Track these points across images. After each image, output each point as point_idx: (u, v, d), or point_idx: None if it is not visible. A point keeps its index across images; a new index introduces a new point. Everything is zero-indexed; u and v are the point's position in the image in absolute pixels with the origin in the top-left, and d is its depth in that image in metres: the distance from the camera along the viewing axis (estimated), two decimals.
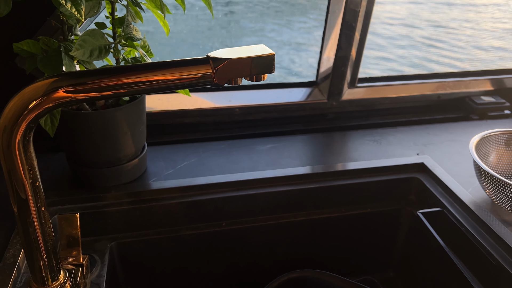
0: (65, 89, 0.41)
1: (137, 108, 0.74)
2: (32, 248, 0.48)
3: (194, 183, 0.79)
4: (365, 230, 0.89)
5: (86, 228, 0.74)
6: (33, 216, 0.46)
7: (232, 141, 0.96)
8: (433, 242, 0.78)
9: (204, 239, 0.81)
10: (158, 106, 0.97)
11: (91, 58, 0.62)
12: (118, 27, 0.68)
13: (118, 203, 0.75)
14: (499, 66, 1.19)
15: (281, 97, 1.06)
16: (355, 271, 0.94)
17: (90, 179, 0.77)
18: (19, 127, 0.41)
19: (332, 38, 1.02)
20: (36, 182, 0.45)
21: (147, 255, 0.79)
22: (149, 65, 0.44)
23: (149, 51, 0.73)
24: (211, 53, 0.45)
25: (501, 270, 0.67)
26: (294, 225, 0.85)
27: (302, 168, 0.85)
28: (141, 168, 0.81)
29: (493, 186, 0.73)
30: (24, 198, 0.45)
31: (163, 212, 0.77)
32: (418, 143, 0.97)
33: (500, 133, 0.83)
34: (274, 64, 0.46)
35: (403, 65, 3.47)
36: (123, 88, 0.43)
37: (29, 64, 0.62)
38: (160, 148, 0.91)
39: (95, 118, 0.70)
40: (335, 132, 1.03)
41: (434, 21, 4.41)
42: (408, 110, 1.14)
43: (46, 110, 0.41)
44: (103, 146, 0.73)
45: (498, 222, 0.73)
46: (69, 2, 0.53)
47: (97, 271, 0.67)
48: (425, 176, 0.87)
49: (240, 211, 0.81)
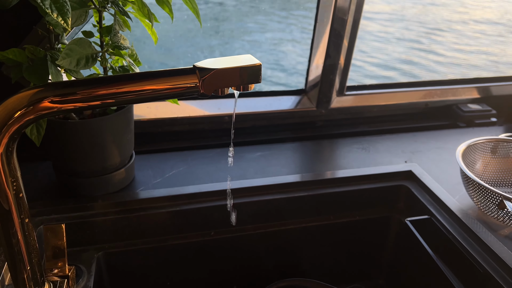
0: (50, 99, 0.41)
1: (125, 117, 0.73)
2: (16, 260, 0.47)
3: (182, 192, 0.79)
4: (354, 238, 0.90)
5: (73, 238, 0.73)
6: (17, 228, 0.45)
7: (221, 149, 0.96)
8: (421, 249, 0.78)
9: (193, 248, 0.80)
10: (147, 114, 0.97)
11: (78, 67, 0.62)
12: (105, 35, 0.68)
13: (106, 212, 0.75)
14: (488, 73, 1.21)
15: (270, 105, 1.07)
16: (344, 279, 0.94)
17: (77, 188, 0.76)
18: (1, 138, 0.40)
19: (320, 47, 1.02)
20: (20, 194, 0.44)
21: (135, 264, 0.78)
22: (136, 75, 0.43)
23: (136, 59, 0.73)
24: (198, 63, 0.45)
25: (488, 278, 0.67)
26: (283, 234, 0.85)
27: (291, 176, 0.85)
28: (128, 177, 0.80)
29: (480, 194, 0.73)
30: (7, 209, 0.44)
31: (151, 221, 0.77)
32: (406, 150, 0.98)
33: (486, 141, 0.84)
34: (261, 74, 0.46)
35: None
36: (110, 98, 0.42)
37: (14, 73, 0.62)
38: (148, 156, 0.90)
39: (82, 127, 0.69)
40: (323, 140, 1.03)
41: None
42: (396, 118, 1.15)
43: (30, 121, 0.40)
44: (90, 155, 0.72)
45: (484, 229, 0.73)
46: (55, 12, 0.53)
47: (84, 282, 0.66)
48: (413, 184, 0.87)
49: (228, 220, 0.80)
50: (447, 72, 3.63)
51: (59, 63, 0.59)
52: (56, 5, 0.53)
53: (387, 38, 4.29)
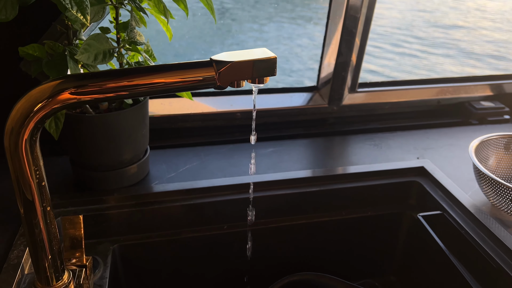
0: (70, 91, 0.42)
1: (140, 112, 0.74)
2: (37, 248, 0.49)
3: (195, 186, 0.80)
4: (366, 234, 0.90)
5: (89, 231, 0.74)
6: (39, 217, 0.47)
7: (233, 145, 0.97)
8: (433, 245, 0.78)
9: (206, 242, 0.81)
10: (161, 110, 0.98)
11: (95, 62, 0.63)
12: (122, 31, 0.69)
13: (121, 205, 0.76)
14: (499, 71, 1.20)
15: (282, 102, 1.07)
16: (356, 274, 0.95)
17: (93, 182, 0.77)
18: (26, 128, 0.42)
19: (332, 44, 1.03)
20: (42, 182, 0.46)
21: (149, 257, 0.80)
22: (155, 68, 0.44)
23: (152, 55, 0.74)
24: (214, 56, 0.46)
25: (501, 273, 0.67)
26: (294, 229, 0.85)
27: (302, 172, 0.86)
28: (143, 171, 0.81)
29: (493, 189, 0.73)
30: (30, 200, 0.46)
31: (165, 215, 0.78)
32: (418, 147, 0.98)
33: (500, 137, 0.84)
34: (276, 67, 0.47)
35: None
36: (130, 90, 0.43)
37: (35, 68, 0.63)
38: (162, 152, 0.92)
39: (98, 121, 0.70)
40: (335, 137, 1.04)
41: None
42: (408, 115, 1.15)
43: (53, 111, 0.42)
44: (106, 149, 0.73)
45: (498, 224, 0.73)
46: (75, 7, 0.55)
47: (100, 272, 0.68)
48: (425, 180, 0.87)
49: (241, 214, 0.81)
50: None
51: (78, 58, 0.60)
52: (76, 1, 0.55)
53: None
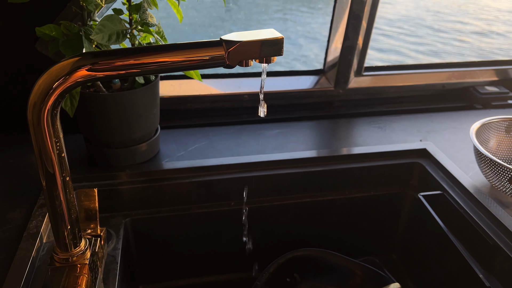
0: (88, 67, 0.45)
1: (151, 91, 0.77)
2: (57, 217, 0.52)
3: (204, 164, 0.83)
4: (368, 213, 0.93)
5: (102, 205, 0.77)
6: (59, 188, 0.50)
7: (241, 126, 0.99)
8: (433, 224, 0.81)
9: (214, 217, 0.85)
10: (170, 91, 1.01)
11: (109, 42, 0.66)
12: (134, 13, 0.72)
13: (132, 181, 0.79)
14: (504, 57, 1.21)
15: (289, 84, 1.09)
16: (358, 252, 0.98)
17: (106, 158, 0.80)
18: (47, 102, 0.44)
19: (339, 28, 1.04)
20: (62, 154, 0.49)
21: (159, 231, 0.83)
22: (169, 46, 0.47)
23: (163, 36, 0.77)
24: (224, 36, 0.48)
25: (498, 250, 0.70)
26: (299, 207, 0.88)
27: (307, 152, 0.88)
28: (154, 149, 0.84)
29: (492, 170, 0.75)
30: (52, 173, 0.49)
31: (175, 191, 0.81)
32: (422, 130, 1.00)
33: (501, 120, 0.85)
34: (283, 47, 0.49)
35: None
36: (144, 67, 0.46)
37: (51, 47, 0.66)
38: (172, 131, 0.95)
39: (111, 100, 0.73)
40: (340, 119, 1.06)
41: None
42: (413, 99, 1.17)
43: (72, 86, 0.44)
44: (118, 127, 0.76)
45: (496, 204, 0.76)
46: None
47: (113, 244, 0.71)
48: (427, 161, 0.90)
49: (248, 192, 0.84)
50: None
51: (92, 38, 0.63)
52: None
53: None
